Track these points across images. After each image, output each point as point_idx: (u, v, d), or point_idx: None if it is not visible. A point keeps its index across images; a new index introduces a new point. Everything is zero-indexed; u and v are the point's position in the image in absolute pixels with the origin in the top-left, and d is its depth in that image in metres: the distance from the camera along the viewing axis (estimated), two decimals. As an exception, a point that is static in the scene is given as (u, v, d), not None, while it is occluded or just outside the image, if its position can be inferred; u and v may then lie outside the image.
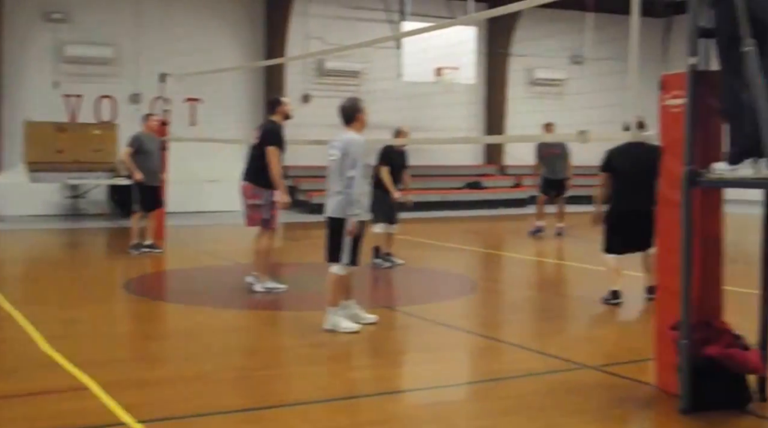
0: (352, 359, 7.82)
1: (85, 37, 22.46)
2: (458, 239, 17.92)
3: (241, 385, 6.85)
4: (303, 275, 12.49)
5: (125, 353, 7.91)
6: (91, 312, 9.86)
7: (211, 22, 23.62)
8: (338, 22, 24.68)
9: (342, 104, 8.81)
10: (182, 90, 18.10)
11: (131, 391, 6.53)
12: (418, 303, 10.47)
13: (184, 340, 8.51)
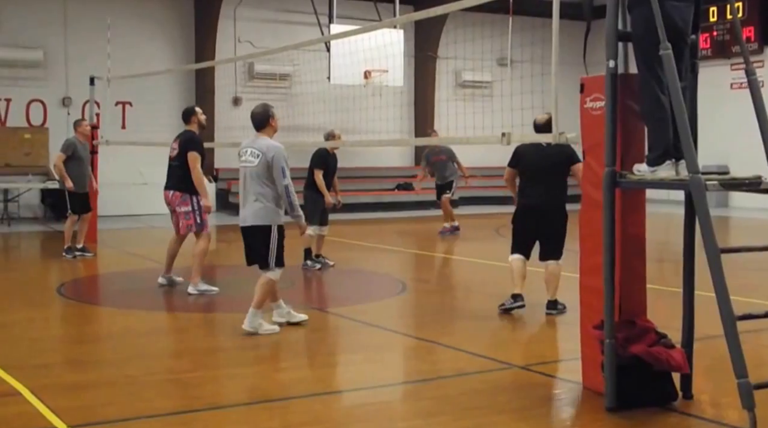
0: (282, 360, 7.79)
1: (13, 40, 22.06)
2: (389, 240, 17.96)
3: (171, 388, 6.80)
4: (234, 278, 12.41)
5: (57, 357, 7.79)
6: (23, 316, 9.71)
7: (141, 25, 23.33)
8: (267, 25, 24.58)
9: (254, 110, 8.77)
10: (112, 93, 17.86)
11: (62, 395, 6.44)
12: (349, 304, 10.47)
13: (115, 343, 8.41)
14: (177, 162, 11.06)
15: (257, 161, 8.48)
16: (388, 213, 24.17)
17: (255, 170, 8.49)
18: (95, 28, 21.27)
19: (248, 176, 8.55)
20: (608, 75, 6.02)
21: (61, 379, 6.97)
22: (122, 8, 22.54)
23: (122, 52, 19.55)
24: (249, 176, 8.54)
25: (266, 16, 24.72)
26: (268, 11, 24.77)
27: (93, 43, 21.23)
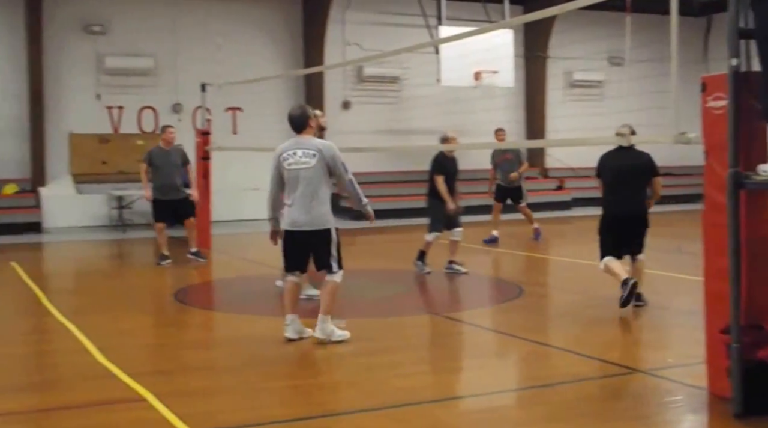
0: (400, 366, 7.86)
1: (125, 49, 22.73)
2: (502, 243, 17.92)
3: (292, 395, 6.94)
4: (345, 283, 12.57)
5: (178, 363, 8.02)
6: (143, 323, 10.04)
7: (249, 31, 23.78)
8: (375, 28, 24.76)
9: (292, 112, 8.62)
10: (223, 99, 18.26)
11: (186, 401, 6.65)
12: (465, 309, 10.54)
13: (234, 349, 8.59)
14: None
15: (314, 160, 8.35)
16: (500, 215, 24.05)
17: (313, 171, 8.35)
18: (204, 35, 21.83)
19: (303, 178, 8.35)
20: (730, 74, 5.96)
21: (183, 385, 7.20)
22: (231, 15, 23.03)
23: (232, 59, 20.02)
24: (305, 178, 8.35)
25: (374, 19, 24.90)
26: (377, 14, 24.95)
27: (203, 50, 21.76)
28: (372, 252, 16.92)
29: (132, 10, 22.80)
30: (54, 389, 7.22)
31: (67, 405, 6.67)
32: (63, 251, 18.12)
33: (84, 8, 22.39)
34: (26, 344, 9.15)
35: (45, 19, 21.51)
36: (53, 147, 21.90)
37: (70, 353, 8.34)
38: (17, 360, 8.43)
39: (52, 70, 21.97)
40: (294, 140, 8.51)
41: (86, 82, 22.49)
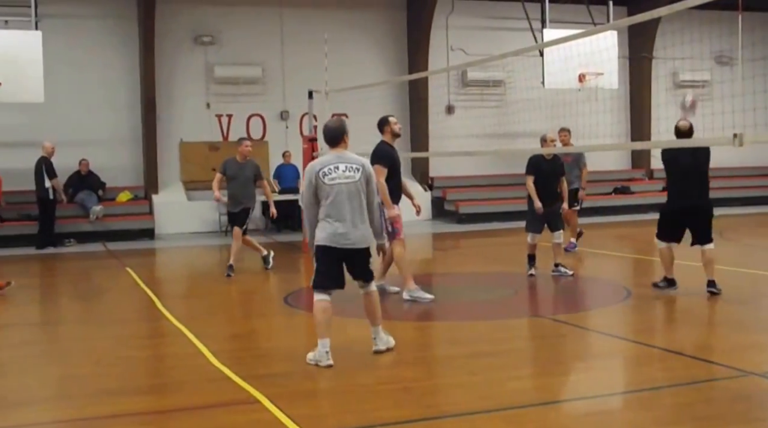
0: (511, 368, 7.82)
1: (234, 58, 23.14)
2: (608, 245, 17.70)
3: (404, 396, 6.92)
4: (451, 286, 12.59)
5: (290, 366, 8.07)
6: (254, 326, 10.20)
7: (355, 38, 23.96)
8: (479, 32, 24.74)
9: (330, 125, 8.25)
10: (329, 106, 18.38)
11: (299, 403, 6.71)
12: (574, 312, 10.43)
13: (344, 352, 8.58)
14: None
15: (359, 175, 8.04)
16: (606, 217, 23.82)
17: (357, 186, 8.03)
18: (311, 42, 22.00)
19: (348, 192, 7.99)
20: None
21: (296, 387, 7.26)
22: (337, 22, 23.22)
23: (337, 65, 20.07)
24: (350, 193, 8.00)
25: (478, 23, 24.87)
26: (480, 19, 24.91)
27: (309, 57, 21.95)
28: (477, 256, 16.85)
29: (240, 20, 23.20)
30: (171, 391, 7.38)
31: (184, 407, 6.80)
32: (175, 257, 18.49)
33: (194, 20, 22.87)
34: (144, 347, 9.36)
35: (158, 31, 22.00)
36: (165, 155, 22.39)
37: (185, 356, 8.50)
38: (136, 362, 8.63)
39: (164, 80, 22.49)
40: (333, 155, 8.09)
41: (196, 92, 22.97)
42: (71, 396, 7.20)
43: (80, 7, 22.08)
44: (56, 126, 21.08)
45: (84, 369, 8.11)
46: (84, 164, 21.27)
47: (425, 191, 24.31)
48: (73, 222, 20.76)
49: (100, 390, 7.32)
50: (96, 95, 22.11)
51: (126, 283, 13.91)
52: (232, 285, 13.54)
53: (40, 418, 6.76)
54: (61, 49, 21.02)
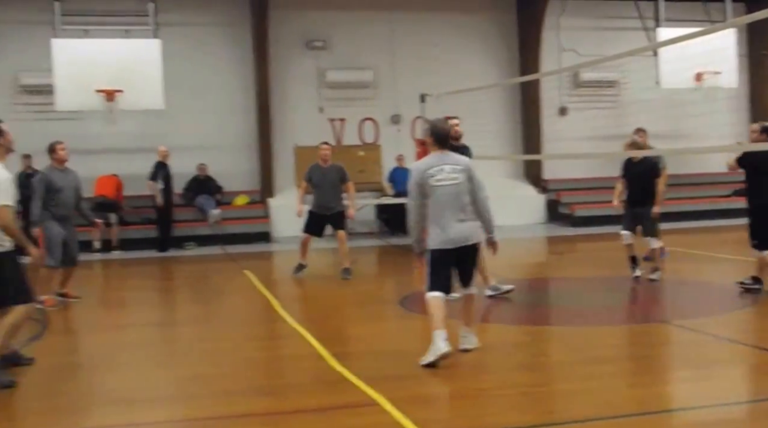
0: (632, 375, 7.71)
1: (345, 63, 23.32)
2: (729, 248, 17.27)
3: (524, 402, 6.88)
4: (568, 290, 12.45)
5: (409, 369, 8.08)
6: (371, 329, 10.23)
7: (465, 41, 23.92)
8: (591, 32, 24.40)
9: (440, 125, 8.38)
10: (440, 109, 18.35)
11: (419, 407, 6.72)
12: (693, 317, 10.18)
13: (463, 355, 8.59)
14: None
15: (462, 176, 8.18)
16: (726, 220, 23.25)
17: (462, 186, 8.17)
18: (422, 46, 22.08)
19: (453, 193, 8.13)
20: None
21: (415, 391, 7.27)
22: (447, 26, 23.23)
23: (448, 68, 20.18)
24: (455, 194, 8.14)
25: (590, 23, 24.55)
26: (592, 19, 24.58)
27: (420, 61, 22.02)
28: (593, 259, 16.63)
29: (351, 25, 23.38)
30: (291, 393, 7.45)
31: (304, 408, 6.86)
32: (291, 260, 18.57)
33: (306, 26, 23.13)
34: (263, 349, 9.50)
35: (270, 38, 22.33)
36: (280, 159, 22.67)
37: (304, 358, 8.59)
38: (256, 364, 8.76)
39: (277, 85, 22.80)
40: (437, 157, 8.22)
41: (309, 96, 23.22)
42: (196, 396, 7.35)
43: (196, 16, 22.54)
44: (175, 132, 21.57)
45: (207, 370, 8.27)
46: (202, 168, 21.70)
47: (539, 193, 24.12)
48: (192, 226, 21.20)
49: (223, 391, 7.46)
50: (212, 101, 22.55)
51: (244, 285, 14.13)
52: (348, 288, 13.62)
53: (166, 416, 6.95)
54: (178, 57, 21.46)
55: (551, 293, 12.86)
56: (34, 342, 9.63)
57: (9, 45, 21.41)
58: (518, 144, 24.51)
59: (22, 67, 21.20)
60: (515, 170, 24.70)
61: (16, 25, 21.35)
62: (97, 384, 7.92)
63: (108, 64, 19.07)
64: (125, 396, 7.45)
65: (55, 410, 7.14)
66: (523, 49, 24.50)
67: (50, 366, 8.03)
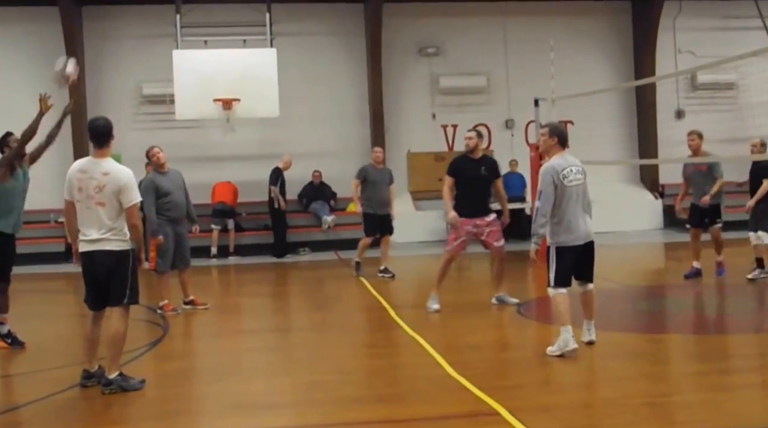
0: (762, 387, 7.44)
1: (458, 69, 23.29)
2: None
3: (649, 412, 6.67)
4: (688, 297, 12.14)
5: (528, 377, 8.00)
6: (489, 337, 10.13)
7: (579, 43, 23.62)
8: (708, 33, 23.87)
9: (558, 127, 9.09)
10: (554, 113, 18.16)
11: (540, 416, 6.59)
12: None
13: (581, 363, 8.47)
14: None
15: (584, 177, 8.78)
16: None
17: (584, 187, 8.77)
18: (535, 50, 21.83)
19: (579, 193, 8.71)
20: None
21: (536, 400, 7.15)
22: (560, 29, 22.93)
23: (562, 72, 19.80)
24: (581, 193, 8.73)
25: (707, 24, 24.01)
26: (710, 19, 24.04)
27: (533, 65, 21.81)
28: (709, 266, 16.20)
29: (464, 31, 23.32)
30: (411, 400, 7.39)
31: (424, 416, 6.80)
32: (405, 266, 18.61)
33: (419, 32, 23.18)
34: (382, 356, 9.46)
35: (384, 45, 22.42)
36: (393, 165, 22.55)
37: (422, 366, 8.53)
38: (376, 371, 8.74)
39: (391, 92, 22.89)
40: (562, 158, 8.76)
41: (422, 103, 23.27)
42: (315, 402, 7.35)
43: (311, 25, 22.78)
44: (290, 139, 21.84)
45: (327, 376, 8.27)
46: (317, 175, 21.89)
47: (656, 198, 23.64)
48: (306, 231, 21.41)
49: (342, 397, 7.46)
50: (327, 108, 22.76)
51: (359, 291, 14.19)
52: (463, 295, 13.53)
53: (286, 423, 6.98)
54: (294, 66, 21.73)
55: (670, 301, 12.51)
56: (154, 347, 9.81)
57: (132, 57, 22.01)
58: (634, 148, 24.09)
59: (145, 78, 21.79)
60: (632, 174, 24.27)
61: (140, 39, 21.92)
62: (216, 390, 7.99)
63: (225, 74, 19.37)
64: (244, 401, 7.51)
65: (172, 414, 7.24)
66: (639, 52, 24.08)
67: (169, 370, 8.13)
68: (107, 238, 7.76)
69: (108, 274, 7.82)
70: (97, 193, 7.70)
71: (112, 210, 7.73)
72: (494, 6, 23.52)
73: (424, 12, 23.21)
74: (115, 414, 7.31)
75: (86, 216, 7.79)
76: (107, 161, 7.87)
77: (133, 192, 7.76)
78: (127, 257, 7.85)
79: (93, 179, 7.73)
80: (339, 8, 23.01)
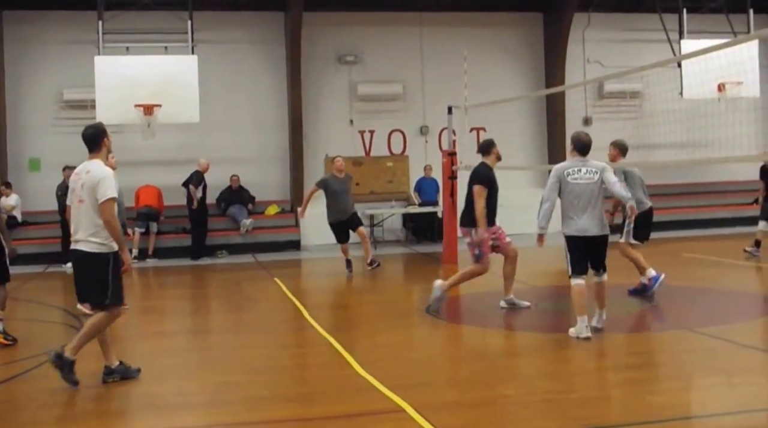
0: (655, 382, 7.59)
1: (375, 76, 23.34)
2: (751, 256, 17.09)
3: (549, 409, 6.77)
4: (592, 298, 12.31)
5: (434, 376, 8.06)
6: (398, 337, 10.16)
7: (493, 53, 23.82)
8: (615, 45, 24.27)
9: (583, 137, 9.81)
10: (467, 120, 18.33)
11: (444, 414, 6.64)
12: (717, 324, 10.03)
13: (486, 363, 8.57)
14: (468, 196, 11.30)
15: (596, 177, 9.50)
16: (747, 228, 23.02)
17: (596, 185, 9.49)
18: (450, 59, 21.98)
19: (587, 191, 9.45)
20: None
21: (441, 398, 7.20)
22: (474, 39, 23.11)
23: (476, 81, 20.02)
24: (590, 191, 9.45)
25: (614, 36, 24.43)
26: (616, 31, 24.47)
27: (448, 73, 21.95)
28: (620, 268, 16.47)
29: (382, 40, 23.40)
30: (319, 400, 7.40)
31: (332, 415, 6.82)
32: (320, 268, 18.68)
33: (338, 41, 23.19)
34: (293, 356, 9.46)
35: (304, 53, 22.36)
36: (311, 170, 22.68)
37: (333, 365, 8.55)
38: (286, 371, 8.73)
39: (310, 99, 22.87)
40: (575, 160, 9.64)
41: (341, 109, 23.27)
42: (228, 402, 7.31)
43: (232, 33, 22.63)
44: (210, 145, 21.68)
45: (238, 377, 8.22)
46: (234, 179, 21.79)
47: (564, 202, 23.99)
48: (224, 235, 21.28)
49: (254, 397, 7.43)
50: (247, 114, 22.65)
51: (274, 293, 14.12)
52: (375, 296, 13.59)
53: (198, 422, 6.94)
54: (214, 72, 21.58)
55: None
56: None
57: (54, 62, 21.63)
58: (544, 154, 24.39)
59: (66, 83, 21.40)
60: (541, 179, 24.51)
61: (62, 44, 21.55)
62: (133, 390, 7.90)
63: (147, 80, 19.13)
64: (156, 402, 7.46)
65: (91, 414, 7.16)
66: (549, 62, 24.37)
67: (84, 372, 8.01)
68: (86, 239, 7.92)
69: (83, 273, 8.02)
70: (81, 191, 7.94)
71: (90, 208, 7.87)
72: (411, 16, 23.62)
73: (343, 21, 23.21)
74: (25, 417, 7.20)
75: (74, 215, 8.05)
76: (94, 162, 8.06)
77: (105, 188, 7.85)
78: (105, 260, 7.91)
79: (80, 179, 8.00)
80: (260, 17, 22.90)
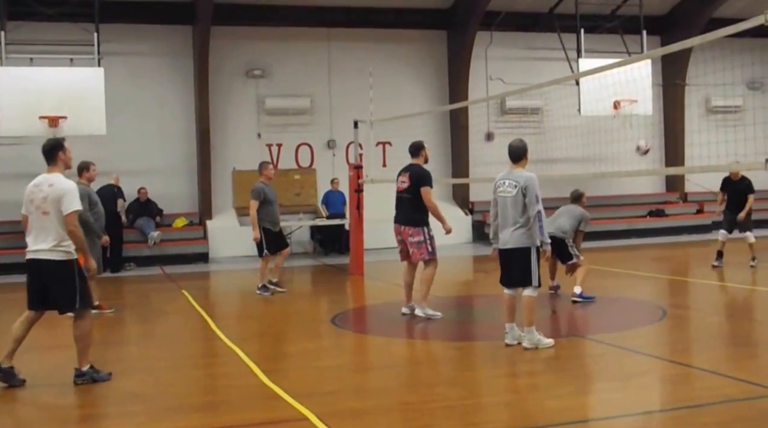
0: (549, 388, 7.75)
1: (283, 90, 23.35)
2: (644, 266, 17.54)
3: (448, 415, 6.86)
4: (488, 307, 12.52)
5: (338, 384, 8.10)
6: (304, 347, 10.19)
7: (398, 69, 24.08)
8: (517, 62, 24.78)
9: (513, 143, 9.45)
10: (374, 134, 18.46)
11: (347, 421, 6.71)
12: (609, 331, 10.29)
13: (390, 371, 8.64)
14: (408, 194, 11.47)
15: (515, 191, 9.11)
16: (641, 240, 23.67)
17: (513, 199, 9.12)
18: (357, 74, 22.10)
19: (507, 204, 9.15)
20: None
21: (345, 405, 7.25)
22: (381, 55, 23.36)
23: (382, 96, 20.18)
24: (508, 205, 9.15)
25: (515, 54, 24.91)
26: (518, 49, 24.95)
27: (355, 88, 22.05)
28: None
29: (290, 55, 23.44)
30: (225, 409, 7.37)
31: (237, 424, 6.81)
32: (228, 280, 18.60)
33: (246, 55, 23.15)
34: (198, 367, 9.40)
35: (212, 67, 22.25)
36: (219, 183, 22.59)
37: (238, 375, 8.53)
38: (190, 381, 8.68)
39: (218, 112, 22.76)
40: (507, 172, 9.33)
41: (248, 123, 23.22)
42: (133, 414, 7.23)
43: (139, 45, 22.40)
44: (117, 157, 21.34)
45: (145, 388, 8.15)
46: (143, 192, 21.53)
47: (466, 215, 24.29)
48: (133, 247, 20.98)
49: (159, 408, 7.39)
50: (154, 127, 22.43)
51: (182, 305, 14.01)
52: (282, 307, 13.57)
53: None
54: (121, 85, 21.33)
55: (478, 310, 12.91)
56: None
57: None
58: (448, 168, 24.66)
59: (-33, 94, 20.85)
60: (445, 192, 24.77)
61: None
62: (36, 403, 7.78)
63: (52, 92, 18.79)
64: (59, 415, 7.36)
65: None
66: (453, 78, 24.69)
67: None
68: (53, 248, 8.10)
69: (50, 281, 8.20)
70: (43, 203, 8.12)
71: (56, 220, 8.08)
72: (319, 32, 23.68)
73: (251, 35, 23.16)
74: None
75: (35, 226, 8.21)
76: (55, 175, 8.35)
77: (69, 201, 8.09)
78: (70, 267, 8.17)
79: (41, 191, 8.20)
80: (167, 30, 22.69)
